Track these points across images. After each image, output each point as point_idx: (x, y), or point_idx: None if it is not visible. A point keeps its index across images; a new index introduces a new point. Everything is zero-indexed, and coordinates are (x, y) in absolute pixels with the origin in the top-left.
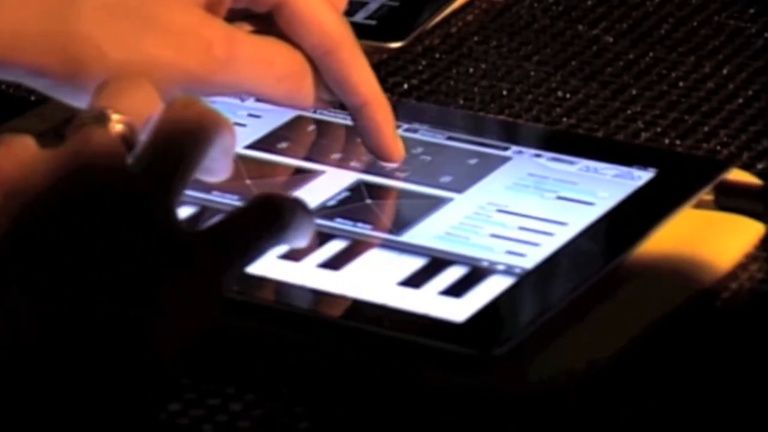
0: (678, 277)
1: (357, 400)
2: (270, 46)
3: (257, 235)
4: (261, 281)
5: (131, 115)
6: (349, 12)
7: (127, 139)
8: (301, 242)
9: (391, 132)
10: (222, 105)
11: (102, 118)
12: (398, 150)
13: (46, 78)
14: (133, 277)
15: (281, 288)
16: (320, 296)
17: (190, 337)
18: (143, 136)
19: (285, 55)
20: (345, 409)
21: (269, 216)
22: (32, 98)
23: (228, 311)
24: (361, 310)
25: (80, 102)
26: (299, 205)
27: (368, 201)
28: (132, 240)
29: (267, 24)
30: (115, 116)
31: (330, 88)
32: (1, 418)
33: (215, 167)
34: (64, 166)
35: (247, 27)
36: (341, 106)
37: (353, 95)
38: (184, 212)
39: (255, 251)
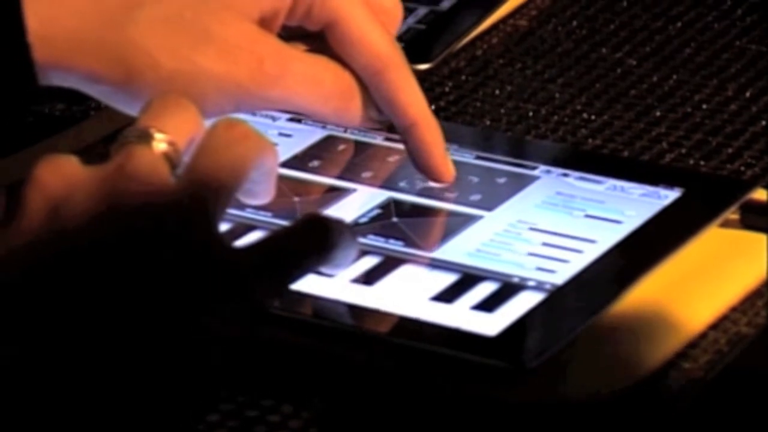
0: (704, 295)
1: (391, 412)
2: (321, 64)
3: (303, 254)
4: (296, 296)
5: (175, 134)
6: None
7: (171, 159)
8: (345, 264)
9: (441, 152)
10: (253, 124)
11: (146, 137)
12: (448, 170)
13: (101, 84)
14: (178, 295)
15: (316, 302)
16: (354, 310)
17: (232, 351)
18: (186, 157)
19: (335, 73)
20: (381, 422)
21: (316, 236)
22: (67, 115)
23: (265, 324)
24: (394, 323)
25: (134, 110)
26: (346, 227)
27: (399, 218)
28: (175, 258)
29: (319, 43)
30: (158, 135)
31: (380, 108)
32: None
33: (257, 190)
34: (108, 183)
35: (300, 45)
36: (390, 127)
37: (402, 116)
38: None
39: (300, 270)
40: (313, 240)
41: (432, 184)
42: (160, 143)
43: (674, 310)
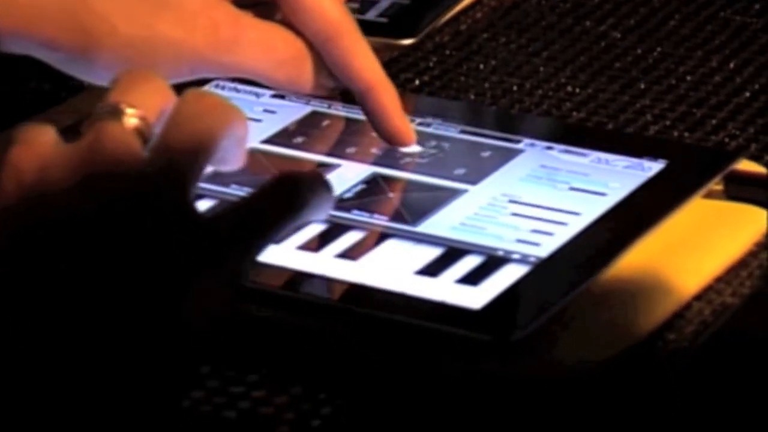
0: (689, 266)
1: (377, 387)
2: (273, 31)
3: (277, 215)
4: (281, 271)
5: (145, 108)
6: (361, 10)
7: (142, 133)
8: (321, 216)
9: (400, 115)
10: (238, 100)
11: (116, 113)
12: (409, 132)
13: (60, 52)
14: (154, 267)
15: (301, 278)
16: (339, 285)
17: (212, 323)
18: (157, 129)
19: (287, 40)
20: (366, 396)
21: (288, 195)
22: (63, 94)
23: (249, 301)
24: (379, 298)
25: (92, 77)
26: (317, 179)
27: (384, 193)
28: (150, 230)
29: (272, 11)
30: (129, 110)
31: (333, 75)
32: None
33: (228, 157)
34: (80, 160)
35: (253, 13)
36: (343, 95)
37: (357, 80)
38: (202, 205)
39: (275, 231)
40: (285, 199)
41: (397, 148)
42: (131, 118)
43: (659, 282)
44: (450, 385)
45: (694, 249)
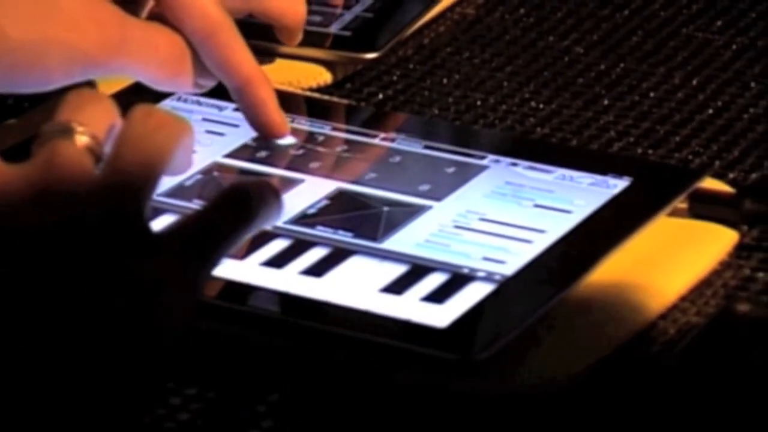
0: (654, 285)
1: (342, 405)
2: (156, 30)
3: (229, 226)
4: (244, 288)
5: (94, 126)
6: (324, 23)
7: (93, 151)
8: (273, 223)
9: (276, 107)
10: (200, 113)
11: (67, 131)
12: (284, 125)
13: None
14: (112, 285)
15: (264, 295)
16: (303, 303)
17: (169, 338)
18: (107, 148)
19: (168, 38)
20: (331, 414)
21: (238, 207)
22: (25, 104)
23: (211, 317)
24: (343, 316)
25: None
26: (265, 188)
27: (347, 209)
28: (107, 249)
29: (138, 8)
30: (80, 129)
31: (208, 74)
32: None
33: (177, 164)
34: (34, 179)
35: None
36: (213, 94)
37: (235, 75)
38: (164, 220)
39: (229, 243)
40: (237, 210)
41: (274, 141)
42: (82, 136)
43: (624, 300)
44: (414, 403)
45: (659, 267)
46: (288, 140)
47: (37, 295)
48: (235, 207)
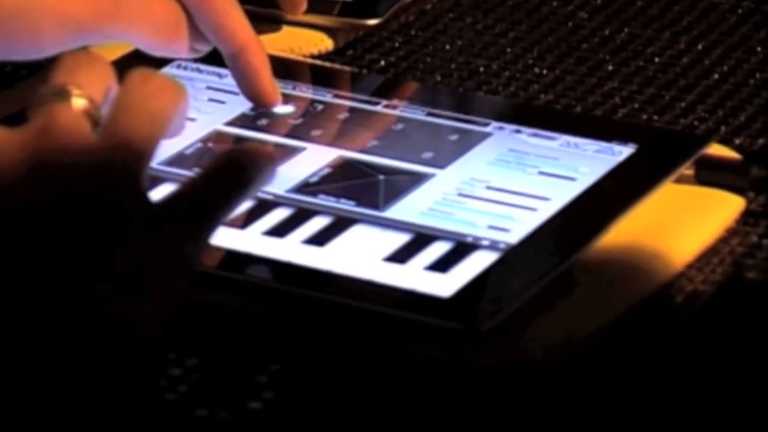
0: (661, 253)
1: (346, 375)
2: None
3: (225, 194)
4: (247, 258)
5: (91, 89)
6: None
7: (90, 114)
8: (266, 186)
9: (269, 76)
10: (200, 81)
11: (63, 94)
12: (276, 94)
13: None
14: (105, 252)
15: (267, 265)
16: (305, 272)
17: (168, 308)
18: (104, 111)
19: (164, 4)
20: (335, 384)
21: (233, 175)
22: (23, 72)
23: (212, 287)
24: (347, 285)
25: None
26: (260, 154)
27: (350, 177)
28: (102, 215)
29: None
30: (76, 92)
31: (204, 39)
32: None
33: (173, 127)
34: (32, 144)
35: None
36: (208, 59)
37: (230, 41)
38: (167, 189)
39: (225, 210)
40: (232, 178)
41: (265, 109)
42: (78, 99)
43: (629, 269)
44: (419, 374)
45: (665, 235)
46: (286, 108)
47: (34, 258)
48: (229, 174)
